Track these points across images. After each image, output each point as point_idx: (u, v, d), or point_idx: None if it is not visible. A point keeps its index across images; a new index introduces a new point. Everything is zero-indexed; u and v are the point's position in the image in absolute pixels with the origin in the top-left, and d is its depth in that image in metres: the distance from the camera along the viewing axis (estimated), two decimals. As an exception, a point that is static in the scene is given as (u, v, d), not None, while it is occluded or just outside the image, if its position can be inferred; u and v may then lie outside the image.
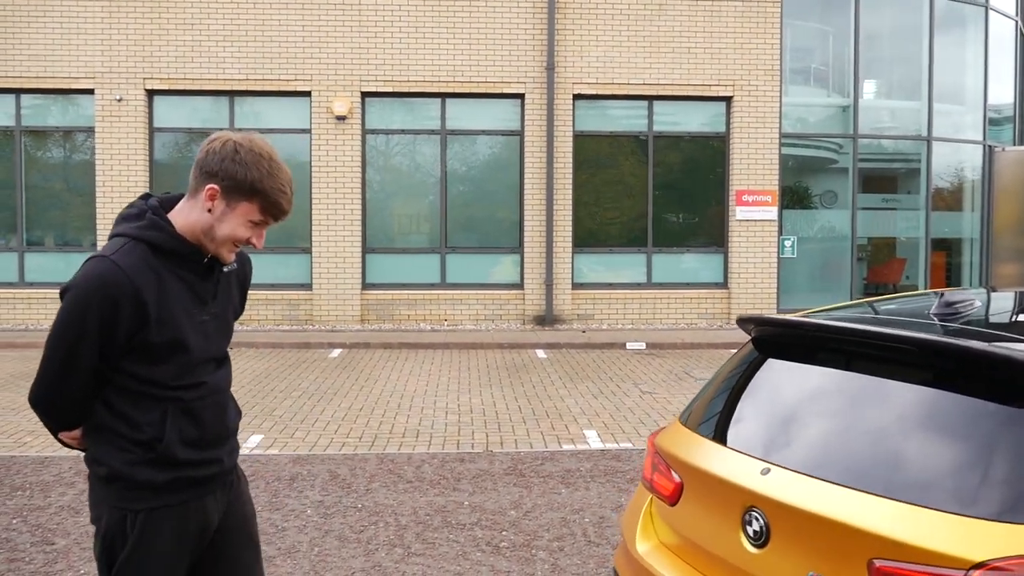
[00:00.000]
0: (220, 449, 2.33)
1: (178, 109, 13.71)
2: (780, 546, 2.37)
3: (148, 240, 2.16)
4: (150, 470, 2.18)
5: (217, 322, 2.31)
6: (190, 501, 2.26)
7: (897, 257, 15.97)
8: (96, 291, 2.07)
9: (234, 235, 2.20)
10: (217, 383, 2.33)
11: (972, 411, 2.27)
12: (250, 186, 2.15)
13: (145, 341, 2.13)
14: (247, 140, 2.19)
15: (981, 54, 15.70)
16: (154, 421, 2.17)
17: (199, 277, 2.25)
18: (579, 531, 4.83)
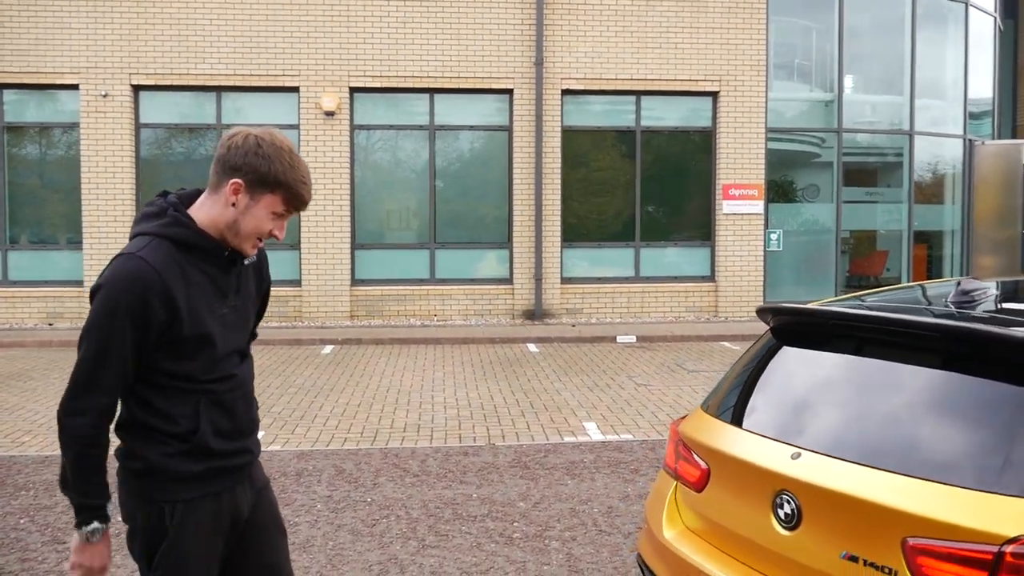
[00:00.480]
0: (249, 439, 2.39)
1: (164, 105, 13.63)
2: (812, 528, 2.44)
3: (172, 237, 2.19)
4: (187, 461, 2.22)
5: (237, 315, 2.34)
6: (224, 491, 2.31)
7: (879, 250, 16.17)
8: (127, 288, 2.10)
9: (259, 228, 2.23)
10: (244, 376, 2.38)
11: (994, 393, 2.34)
12: (274, 179, 2.18)
13: (175, 336, 2.16)
14: (268, 134, 2.21)
15: (961, 50, 15.91)
16: (188, 414, 2.21)
17: (221, 271, 2.28)
18: (589, 521, 4.90)
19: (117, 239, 13.34)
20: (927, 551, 2.15)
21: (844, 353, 2.78)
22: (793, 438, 2.62)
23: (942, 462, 2.28)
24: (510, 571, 4.23)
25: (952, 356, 2.47)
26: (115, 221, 13.37)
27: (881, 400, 2.57)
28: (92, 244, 13.35)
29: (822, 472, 2.43)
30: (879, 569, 2.24)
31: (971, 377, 2.41)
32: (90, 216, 13.36)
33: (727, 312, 14.24)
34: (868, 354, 2.71)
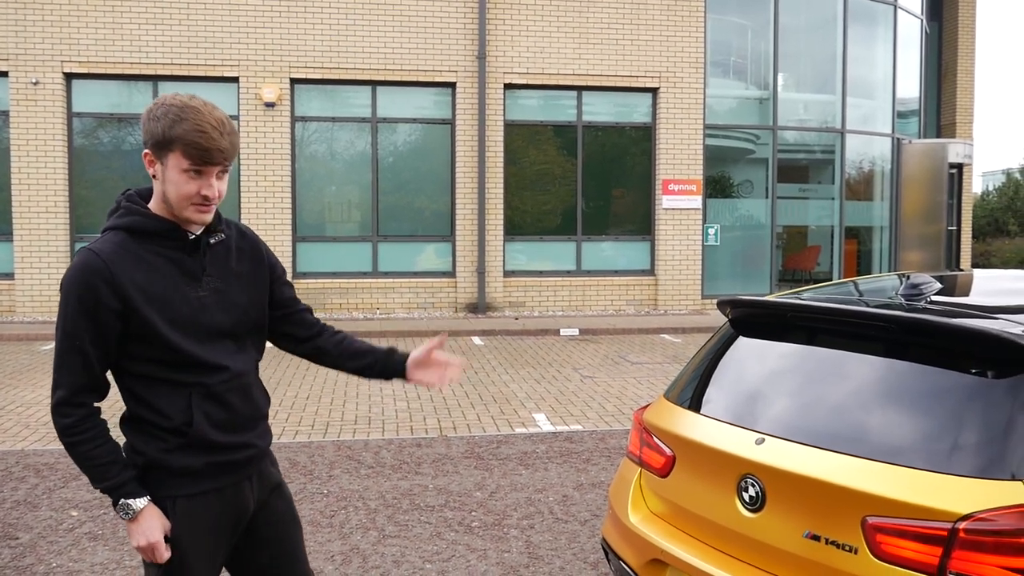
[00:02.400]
0: (252, 432, 2.35)
1: (98, 94, 13.31)
2: (776, 510, 2.56)
3: (124, 226, 2.19)
4: (186, 456, 2.21)
5: (218, 297, 2.27)
6: (227, 487, 2.29)
7: (812, 245, 16.65)
8: (75, 281, 2.12)
9: (182, 191, 2.15)
10: (240, 367, 2.31)
11: (944, 381, 2.49)
12: (163, 136, 2.11)
13: (141, 323, 2.14)
14: (163, 97, 2.17)
15: (890, 50, 16.46)
16: (180, 407, 2.19)
17: (186, 254, 2.23)
18: (545, 509, 5.00)
19: (48, 230, 13.00)
20: (885, 529, 2.28)
21: (801, 343, 2.92)
22: (756, 424, 2.75)
23: (898, 445, 2.42)
24: (472, 559, 4.30)
25: (905, 345, 2.62)
26: (47, 212, 13.03)
27: (837, 387, 2.70)
28: (22, 236, 12.98)
29: (785, 456, 2.56)
30: (840, 547, 2.36)
31: (923, 365, 2.56)
32: (20, 207, 12.98)
33: (667, 305, 14.51)
34: (823, 344, 2.85)
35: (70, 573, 4.15)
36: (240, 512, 2.34)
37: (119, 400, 2.23)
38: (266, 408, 2.45)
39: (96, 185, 13.35)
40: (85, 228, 13.28)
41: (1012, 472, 2.20)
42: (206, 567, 2.28)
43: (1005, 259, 24.21)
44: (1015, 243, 26.12)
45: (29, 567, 4.22)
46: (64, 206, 13.08)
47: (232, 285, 2.32)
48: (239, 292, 2.34)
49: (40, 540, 4.55)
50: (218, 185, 2.18)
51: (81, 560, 4.30)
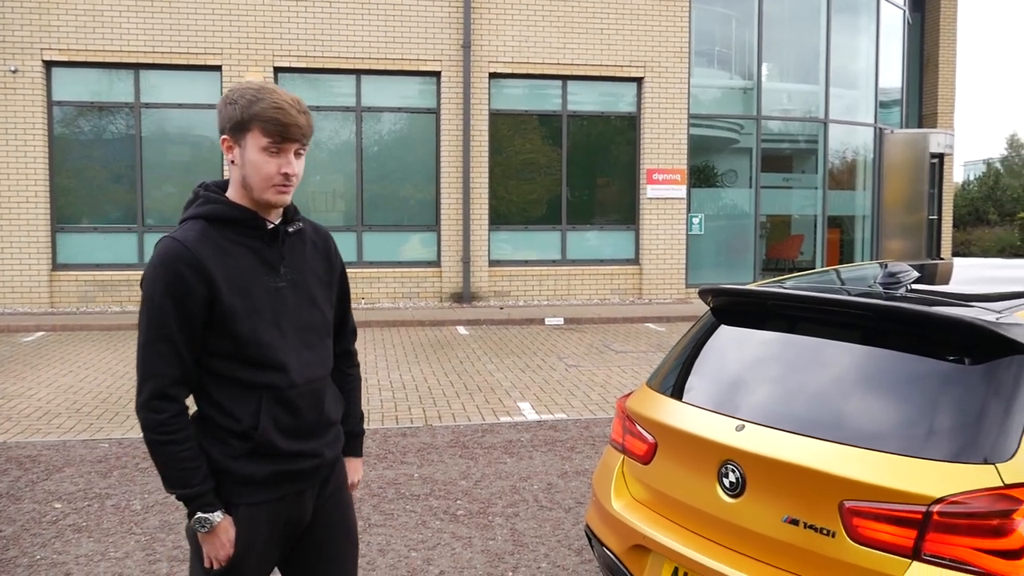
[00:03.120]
0: (319, 440, 2.29)
1: (79, 82, 13.19)
2: (756, 495, 2.60)
3: (204, 215, 2.18)
4: (251, 464, 2.17)
5: (296, 290, 2.25)
6: (287, 496, 2.25)
7: (795, 234, 16.75)
8: (159, 267, 2.10)
9: (262, 172, 2.15)
10: (313, 371, 2.27)
11: (920, 367, 2.54)
12: (241, 117, 2.13)
13: (222, 312, 2.12)
14: (238, 84, 2.20)
15: (873, 41, 16.53)
16: (250, 411, 2.15)
17: (265, 243, 2.22)
18: (530, 497, 5.04)
19: (29, 220, 12.91)
20: (862, 512, 2.32)
21: (781, 331, 2.96)
22: (736, 411, 2.79)
23: (874, 431, 2.46)
24: (457, 547, 4.34)
25: (881, 333, 2.66)
26: (27, 202, 12.92)
27: (816, 374, 2.75)
28: (1, 226, 12.88)
29: (765, 442, 2.60)
30: (818, 531, 2.41)
31: (898, 352, 2.60)
32: (0, 196, 12.87)
33: (651, 294, 14.57)
34: (803, 332, 2.89)
35: (54, 565, 4.15)
36: (297, 520, 2.30)
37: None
38: (337, 414, 2.40)
39: (77, 174, 13.26)
40: (66, 218, 13.19)
41: (985, 456, 2.25)
42: (256, 573, 2.25)
43: (985, 248, 24.44)
44: (995, 232, 26.37)
45: (12, 560, 4.22)
46: (44, 196, 12.98)
47: (308, 278, 2.31)
48: (315, 286, 2.33)
49: (23, 533, 4.55)
50: (296, 164, 2.18)
51: (65, 552, 4.30)
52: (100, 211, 13.34)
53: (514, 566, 4.13)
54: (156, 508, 4.89)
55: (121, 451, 5.99)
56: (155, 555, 4.26)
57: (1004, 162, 53.62)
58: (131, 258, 13.29)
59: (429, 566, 4.12)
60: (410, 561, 4.17)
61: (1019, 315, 2.52)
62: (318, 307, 2.33)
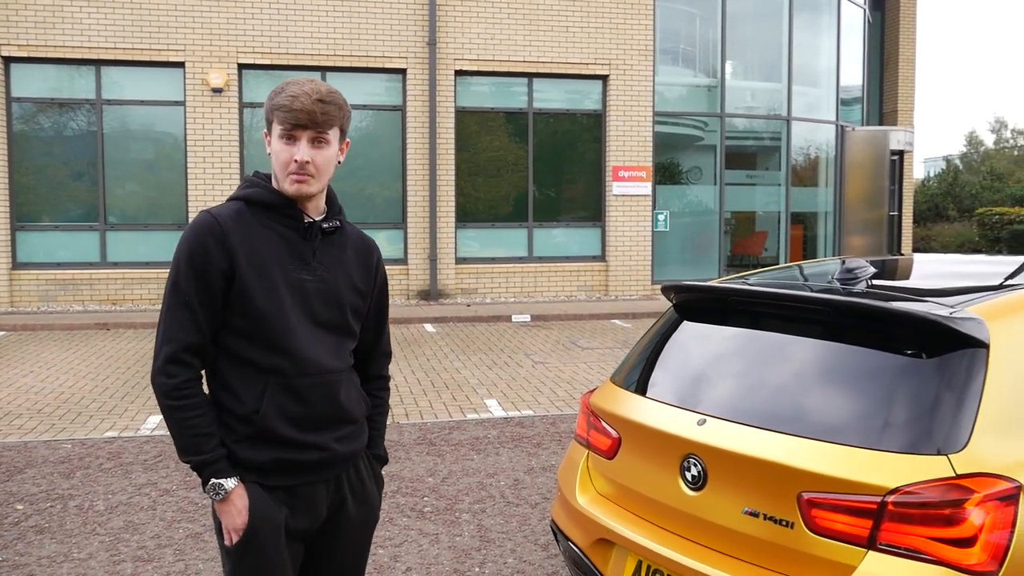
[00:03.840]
0: (327, 434, 2.25)
1: (38, 78, 12.99)
2: (717, 488, 2.65)
3: (245, 197, 2.24)
4: (250, 449, 2.16)
5: (321, 286, 2.25)
6: (298, 487, 2.22)
7: (759, 231, 16.93)
8: (189, 239, 2.16)
9: (280, 158, 2.21)
10: (327, 363, 2.24)
11: (876, 361, 2.60)
12: (267, 110, 2.22)
13: (240, 287, 2.14)
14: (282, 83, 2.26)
15: (834, 39, 16.75)
16: (255, 394, 2.16)
17: (299, 236, 2.24)
18: (497, 493, 5.07)
19: (-11, 219, 12.69)
20: (820, 503, 2.38)
21: (742, 327, 3.01)
22: (698, 406, 2.83)
23: (832, 424, 2.52)
24: (424, 543, 4.35)
25: (839, 328, 2.72)
26: (-14, 200, 12.71)
27: (776, 369, 2.80)
28: (-39, 224, 12.66)
29: (725, 436, 2.64)
30: (777, 522, 2.46)
31: (856, 347, 2.66)
32: (-42, 195, 12.65)
33: (617, 291, 14.66)
34: (764, 327, 2.94)
35: (16, 567, 4.11)
36: (312, 516, 2.27)
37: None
38: (357, 412, 2.35)
39: (37, 172, 13.05)
40: (26, 216, 12.99)
41: (938, 447, 2.31)
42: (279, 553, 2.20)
43: (945, 243, 24.87)
44: (954, 228, 26.84)
45: (-25, 560, 4.17)
46: (3, 194, 12.76)
47: (339, 279, 2.29)
48: (343, 290, 2.30)
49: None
50: (312, 152, 2.18)
51: (28, 554, 4.26)
52: (61, 209, 13.16)
53: (481, 562, 4.15)
54: (120, 509, 4.85)
55: (84, 451, 5.93)
56: (119, 556, 4.23)
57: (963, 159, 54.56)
58: (93, 257, 13.11)
59: (396, 563, 4.13)
60: (377, 558, 4.17)
61: (972, 309, 2.59)
62: (342, 310, 2.30)
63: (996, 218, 23.92)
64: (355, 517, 2.37)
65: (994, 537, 2.20)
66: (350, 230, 2.38)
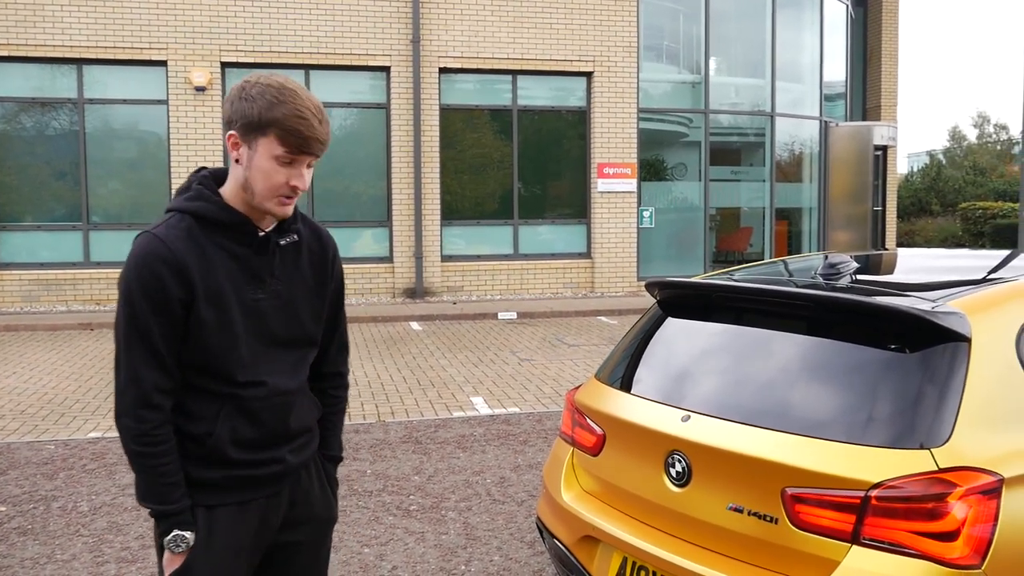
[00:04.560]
0: (281, 448, 2.14)
1: (19, 77, 12.88)
2: (701, 484, 2.65)
3: (192, 211, 2.00)
4: (202, 468, 2.04)
5: (279, 303, 2.09)
6: (251, 500, 2.10)
7: (744, 226, 16.98)
8: (138, 268, 1.94)
9: (270, 181, 1.97)
10: (284, 384, 2.11)
11: (859, 356, 2.61)
12: (258, 117, 1.93)
13: (195, 321, 1.97)
14: (257, 76, 1.99)
15: (817, 35, 16.81)
16: (209, 415, 2.03)
17: (253, 251, 2.05)
18: (483, 491, 5.06)
19: (-31, 220, 12.58)
20: (803, 499, 2.38)
21: (726, 323, 3.01)
22: (682, 402, 2.83)
23: (816, 419, 2.52)
24: (410, 542, 4.34)
25: (822, 323, 2.72)
26: (-33, 201, 12.60)
27: (761, 364, 2.80)
28: (-59, 225, 12.54)
29: (709, 432, 2.64)
30: (762, 518, 2.46)
31: (839, 342, 2.66)
32: (-62, 195, 12.53)
33: (603, 288, 14.68)
34: (748, 323, 2.95)
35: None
36: (266, 530, 2.15)
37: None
38: (310, 420, 2.24)
39: (20, 171, 12.94)
40: (8, 216, 12.88)
41: (920, 441, 2.32)
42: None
43: (928, 238, 25.04)
44: (938, 222, 27.01)
45: (-44, 564, 4.13)
46: (-15, 194, 12.66)
47: (296, 292, 2.14)
48: (302, 300, 2.15)
49: (-33, 536, 4.46)
50: (307, 176, 2.02)
51: (11, 555, 4.22)
52: (44, 209, 13.05)
53: (467, 560, 4.15)
54: (103, 510, 4.82)
55: (67, 452, 5.89)
56: (103, 557, 4.20)
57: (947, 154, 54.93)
58: (76, 256, 13.02)
59: (382, 562, 4.12)
60: (363, 557, 4.16)
61: (954, 304, 2.59)
62: (302, 323, 2.17)
63: (979, 212, 24.10)
64: (310, 522, 2.26)
65: (977, 531, 2.21)
66: (303, 230, 2.19)
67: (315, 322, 2.20)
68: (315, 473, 2.28)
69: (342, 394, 2.39)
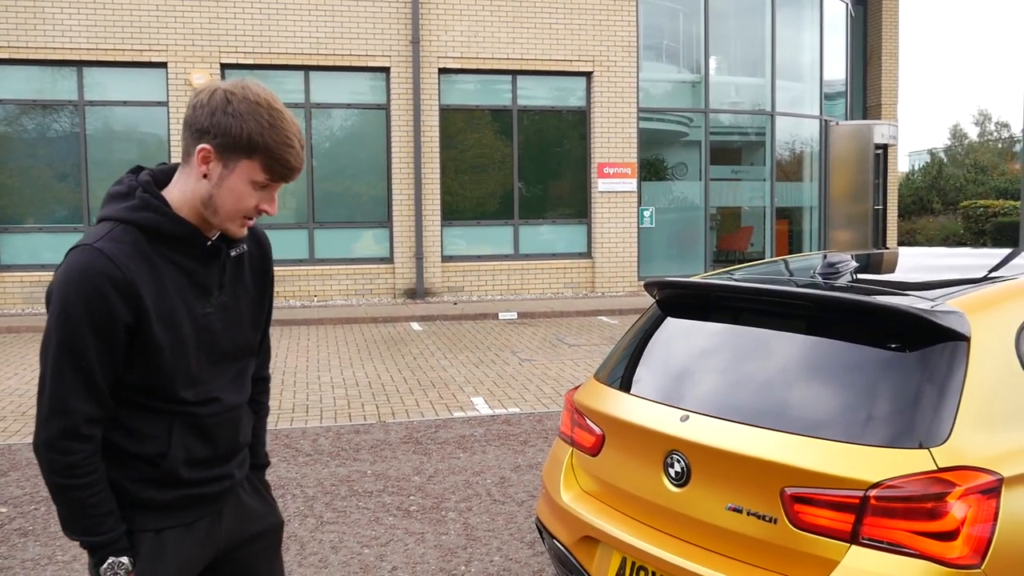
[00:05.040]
0: (230, 464, 2.04)
1: (20, 79, 12.89)
2: (700, 484, 2.64)
3: (138, 223, 1.82)
4: (153, 489, 1.91)
5: (225, 315, 1.97)
6: (197, 521, 1.99)
7: (745, 226, 16.97)
8: (81, 286, 1.76)
9: (240, 204, 1.85)
10: (234, 398, 2.02)
11: (858, 355, 2.60)
12: (247, 140, 1.79)
13: (144, 342, 1.82)
14: (240, 87, 1.82)
15: (817, 34, 16.80)
16: (158, 434, 1.89)
17: (201, 264, 1.91)
18: (483, 492, 5.06)
19: (-30, 222, 12.59)
20: (802, 498, 2.38)
21: (725, 323, 3.01)
22: (681, 402, 2.83)
23: (815, 418, 2.52)
24: (410, 542, 4.34)
25: (821, 323, 2.72)
26: (-32, 203, 12.61)
27: (759, 364, 2.80)
28: (-58, 227, 12.55)
29: (708, 432, 2.64)
30: (761, 518, 2.46)
31: (838, 341, 2.66)
32: (-61, 198, 12.54)
33: (604, 288, 14.67)
34: (746, 323, 2.94)
35: (0, 569, 4.08)
36: (213, 544, 2.04)
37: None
38: (250, 432, 2.14)
39: (21, 173, 12.96)
40: (10, 218, 12.89)
41: (920, 441, 2.32)
42: None
43: (930, 237, 25.01)
44: (939, 221, 26.98)
45: (-44, 566, 4.13)
46: (-14, 196, 12.68)
47: (241, 302, 2.03)
48: (245, 310, 2.04)
49: (-33, 539, 4.46)
50: (276, 199, 1.93)
51: (12, 556, 4.23)
52: (45, 211, 13.06)
53: (467, 560, 4.14)
54: (104, 512, 4.82)
55: (68, 455, 5.88)
56: (103, 560, 4.20)
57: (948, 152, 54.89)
58: (76, 259, 13.00)
59: (382, 562, 4.12)
60: (363, 558, 4.16)
61: (953, 303, 2.59)
62: (246, 332, 2.06)
63: (980, 211, 24.07)
64: (264, 535, 2.16)
65: (976, 530, 2.20)
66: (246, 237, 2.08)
67: (255, 330, 2.10)
68: (247, 485, 2.15)
69: (265, 399, 2.29)
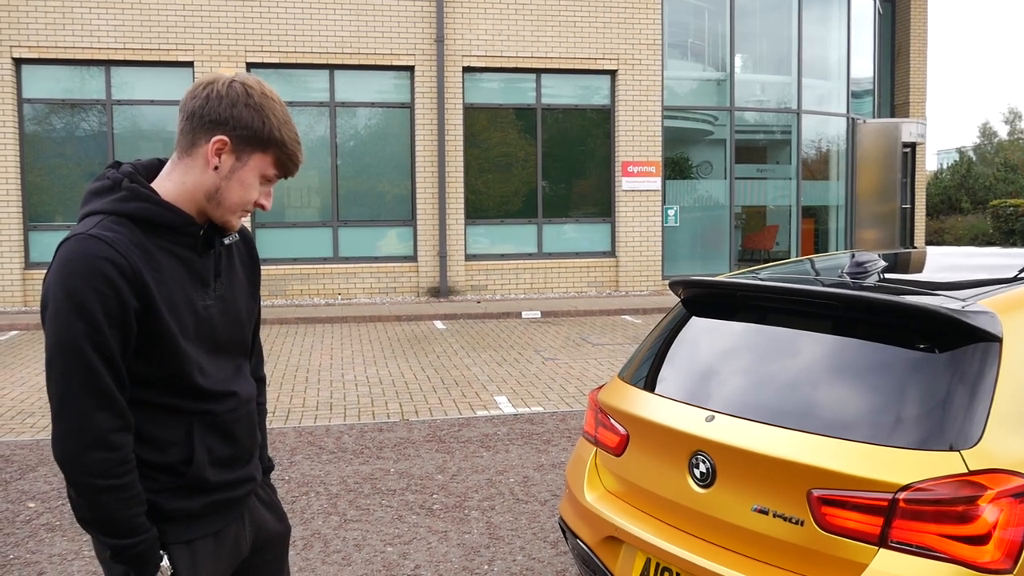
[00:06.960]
0: (250, 464, 2.00)
1: (49, 79, 13.04)
2: (726, 485, 2.62)
3: (130, 213, 1.75)
4: (178, 499, 1.83)
5: (224, 307, 1.93)
6: (226, 527, 1.94)
7: (770, 225, 16.84)
8: (88, 273, 1.65)
9: (245, 197, 1.84)
10: (247, 392, 1.98)
11: (887, 356, 2.56)
12: (267, 135, 1.80)
13: (150, 333, 1.75)
14: (256, 82, 1.83)
15: (844, 31, 16.63)
16: (179, 439, 1.82)
17: (196, 253, 1.85)
18: (506, 491, 5.05)
19: (1, 219, 12.75)
20: (830, 500, 2.34)
21: (751, 322, 2.98)
22: (706, 402, 2.80)
23: (842, 420, 2.48)
24: (432, 541, 4.34)
25: (850, 323, 2.68)
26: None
27: (786, 364, 2.77)
28: (-27, 225, 12.72)
29: (734, 433, 2.61)
30: (787, 520, 2.43)
31: (867, 341, 2.62)
32: (-30, 196, 12.71)
33: (628, 287, 14.62)
34: (773, 322, 2.91)
35: (27, 564, 4.12)
36: (237, 557, 1.99)
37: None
38: (259, 432, 2.11)
39: (50, 172, 13.11)
40: (39, 216, 13.05)
41: (950, 443, 2.28)
42: None
43: (958, 236, 24.70)
44: (968, 220, 26.63)
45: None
46: (16, 194, 12.83)
47: (236, 293, 1.99)
48: (242, 301, 2.01)
49: (-5, 533, 4.51)
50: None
51: (39, 551, 4.27)
52: (73, 209, 13.19)
53: (490, 559, 4.14)
54: (130, 508, 4.85)
55: (95, 451, 5.93)
56: (129, 555, 4.23)
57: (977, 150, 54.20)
58: (104, 256, 13.13)
59: (405, 560, 4.12)
60: (386, 556, 4.17)
61: (984, 303, 2.55)
62: (242, 326, 2.01)
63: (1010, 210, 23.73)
64: (274, 541, 2.12)
65: (1008, 534, 2.16)
66: None
67: (250, 324, 2.05)
68: (259, 490, 2.10)
69: (263, 400, 2.23)
